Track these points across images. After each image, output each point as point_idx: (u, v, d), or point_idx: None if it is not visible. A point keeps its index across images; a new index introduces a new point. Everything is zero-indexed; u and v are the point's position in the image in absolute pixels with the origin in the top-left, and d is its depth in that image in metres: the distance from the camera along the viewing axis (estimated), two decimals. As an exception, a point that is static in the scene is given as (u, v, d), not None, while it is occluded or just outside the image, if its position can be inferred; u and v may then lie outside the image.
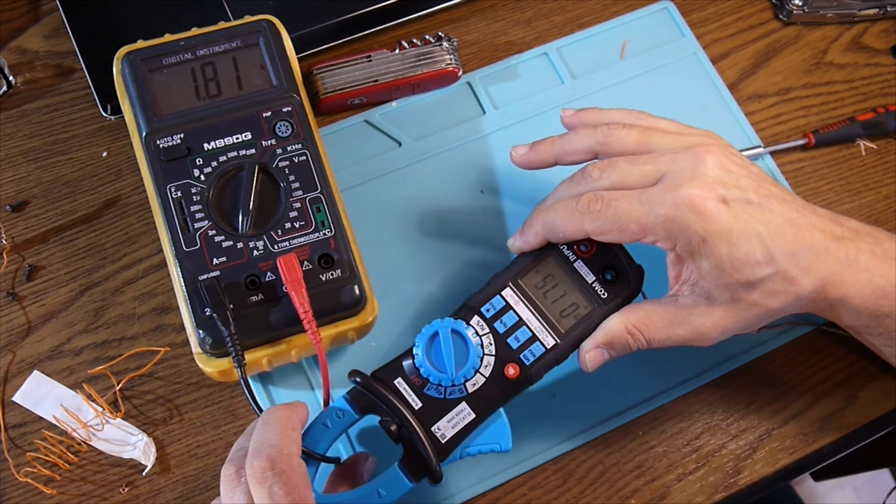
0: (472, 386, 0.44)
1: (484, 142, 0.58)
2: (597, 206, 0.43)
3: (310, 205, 0.48)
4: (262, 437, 0.39)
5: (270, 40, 0.51)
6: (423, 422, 0.43)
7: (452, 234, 0.55)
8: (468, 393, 0.44)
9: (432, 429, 0.43)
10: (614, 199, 0.43)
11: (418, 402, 0.43)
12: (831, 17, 0.64)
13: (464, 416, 0.44)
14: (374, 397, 0.43)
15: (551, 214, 0.45)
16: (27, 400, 0.50)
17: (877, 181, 0.60)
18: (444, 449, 0.43)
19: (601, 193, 0.44)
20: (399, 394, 0.43)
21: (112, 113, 0.56)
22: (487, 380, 0.44)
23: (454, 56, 0.58)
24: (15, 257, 0.53)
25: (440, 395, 0.44)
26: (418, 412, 0.43)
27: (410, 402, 0.43)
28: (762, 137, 0.60)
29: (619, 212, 0.43)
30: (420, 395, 0.44)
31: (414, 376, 0.44)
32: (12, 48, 0.59)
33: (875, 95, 0.63)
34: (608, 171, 0.45)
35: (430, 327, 0.44)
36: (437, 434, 0.43)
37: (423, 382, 0.44)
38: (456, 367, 0.43)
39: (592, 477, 0.51)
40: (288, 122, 0.49)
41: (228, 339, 0.43)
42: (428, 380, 0.43)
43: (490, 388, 0.44)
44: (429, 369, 0.43)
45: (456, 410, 0.44)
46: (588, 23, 0.63)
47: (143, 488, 0.49)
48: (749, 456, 0.52)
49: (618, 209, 0.43)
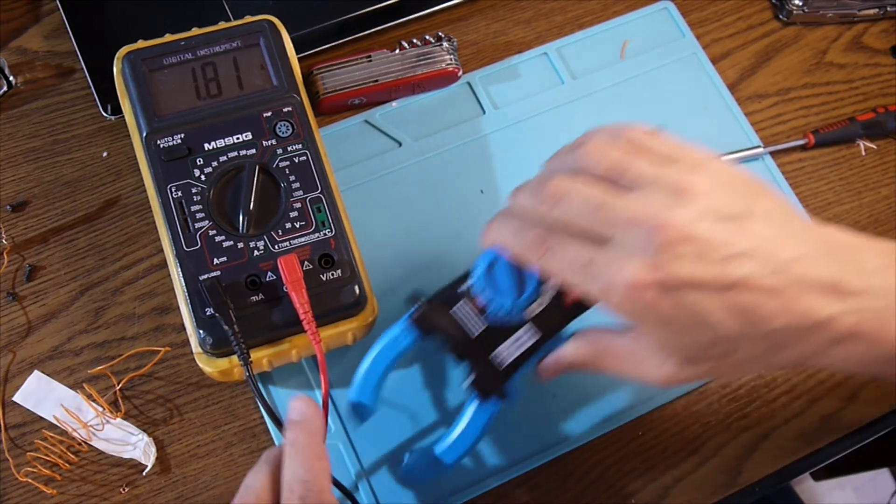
0: (531, 313, 0.44)
1: (484, 142, 0.58)
2: (539, 249, 0.39)
3: (310, 205, 0.48)
4: (292, 474, 0.38)
5: (271, 40, 0.51)
6: (489, 345, 0.44)
7: (452, 235, 0.55)
8: (531, 318, 0.44)
9: (497, 351, 0.44)
10: (558, 248, 0.38)
11: (482, 325, 0.44)
12: (831, 17, 0.64)
13: (527, 338, 0.44)
14: (441, 321, 0.44)
15: (504, 234, 0.41)
16: (27, 400, 0.50)
17: (877, 181, 0.60)
18: (504, 373, 0.44)
19: (544, 235, 0.39)
20: (463, 320, 0.44)
21: (112, 113, 0.56)
22: (552, 306, 0.44)
23: (454, 56, 0.58)
24: (15, 257, 0.53)
25: (502, 319, 0.44)
26: (482, 335, 0.44)
27: (474, 327, 0.44)
28: (762, 137, 0.60)
29: (557, 265, 0.38)
30: (482, 319, 0.44)
31: (474, 302, 0.44)
32: (12, 48, 0.59)
33: (875, 95, 0.63)
34: (561, 204, 0.38)
35: (489, 253, 0.44)
36: (503, 354, 0.44)
37: (483, 309, 0.44)
38: (516, 292, 0.43)
39: (592, 477, 0.51)
40: (288, 122, 0.49)
41: (233, 338, 0.44)
42: (488, 306, 0.44)
43: (553, 313, 0.44)
44: (490, 294, 0.43)
45: (520, 333, 0.44)
46: (588, 23, 0.63)
47: (143, 488, 0.49)
48: (749, 456, 0.52)
49: (558, 263, 0.38)
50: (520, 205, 0.41)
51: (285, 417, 0.41)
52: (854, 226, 0.58)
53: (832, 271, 0.36)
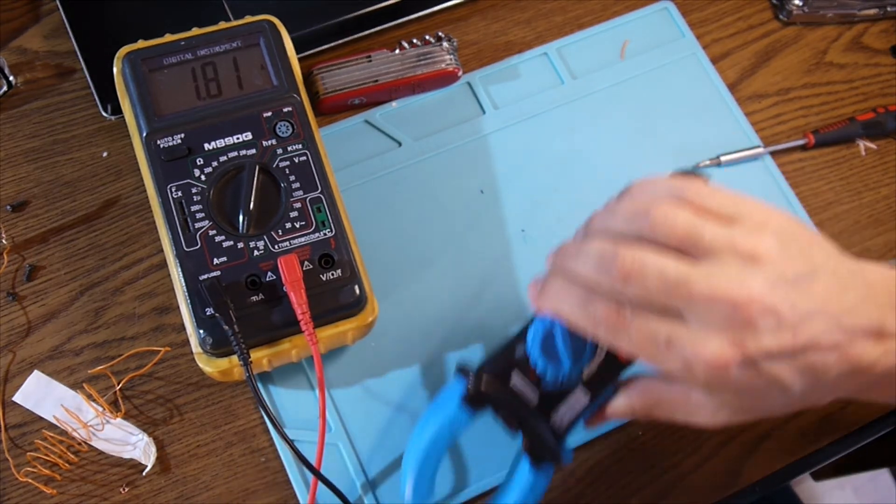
0: (587, 374, 0.43)
1: (484, 142, 0.58)
2: (613, 325, 0.38)
3: (310, 205, 0.48)
4: None
5: (271, 40, 0.51)
6: (544, 413, 0.43)
7: (452, 235, 0.55)
8: (584, 379, 0.43)
9: (552, 418, 0.43)
10: (633, 325, 0.37)
11: (536, 395, 0.43)
12: (831, 17, 0.64)
13: (580, 401, 0.43)
14: (494, 395, 0.43)
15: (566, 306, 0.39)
16: (27, 400, 0.50)
17: (877, 181, 0.60)
18: (561, 436, 0.43)
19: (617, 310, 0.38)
20: (518, 392, 0.43)
21: (112, 113, 0.56)
22: (602, 364, 0.43)
23: (454, 56, 0.58)
24: (15, 257, 0.53)
25: (556, 386, 0.43)
26: (537, 406, 0.43)
27: (529, 398, 0.43)
28: (762, 137, 0.60)
29: (634, 342, 0.38)
30: (537, 388, 0.43)
31: (530, 373, 0.43)
32: (12, 48, 0.59)
33: (875, 95, 0.63)
34: (636, 281, 0.37)
35: (543, 322, 0.42)
36: (557, 422, 0.43)
37: (539, 378, 0.43)
38: (573, 360, 0.42)
39: (592, 477, 0.51)
40: (288, 122, 0.49)
41: (233, 338, 0.44)
42: (544, 375, 0.43)
43: (604, 371, 0.43)
44: (546, 364, 0.42)
45: (573, 397, 0.43)
46: (588, 23, 0.63)
47: (143, 488, 0.49)
48: (749, 456, 0.52)
49: (633, 340, 0.38)
50: (582, 274, 0.39)
51: None
52: (854, 226, 0.58)
53: (875, 315, 0.37)
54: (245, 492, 0.49)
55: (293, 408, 0.51)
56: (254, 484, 0.50)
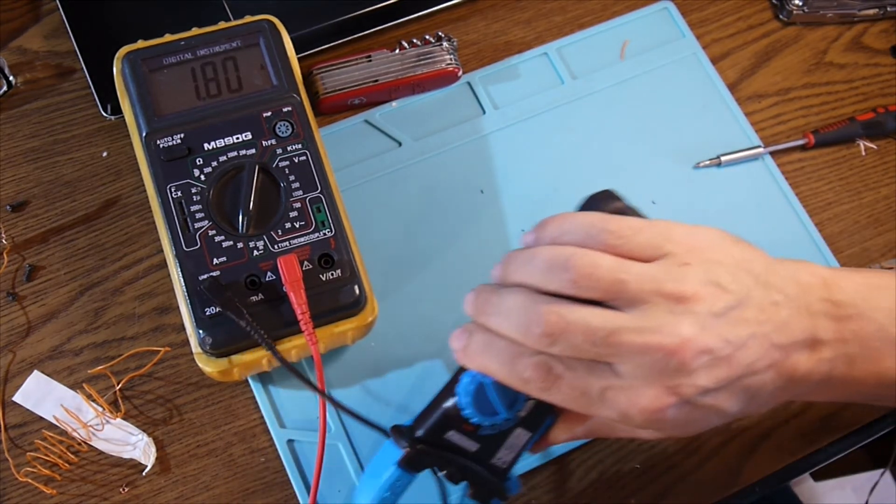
0: (525, 411, 0.42)
1: (484, 142, 0.58)
2: (541, 383, 0.37)
3: (310, 205, 0.48)
4: None
5: (270, 40, 0.51)
6: (484, 459, 0.42)
7: (452, 235, 0.55)
8: (521, 418, 0.42)
9: (492, 461, 0.42)
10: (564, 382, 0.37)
11: (475, 444, 0.42)
12: (831, 17, 0.64)
13: (520, 438, 0.43)
14: (431, 458, 0.42)
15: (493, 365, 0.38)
16: (27, 400, 0.50)
17: (877, 181, 0.60)
18: (504, 472, 0.43)
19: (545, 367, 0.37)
20: (455, 446, 0.42)
21: (112, 113, 0.56)
22: (537, 401, 0.42)
23: (454, 56, 0.58)
24: (15, 257, 0.53)
25: (495, 431, 0.42)
26: (477, 452, 0.42)
27: (468, 448, 0.42)
28: (762, 137, 0.60)
29: (565, 397, 0.37)
30: (475, 437, 0.42)
31: (465, 424, 0.42)
32: (12, 48, 0.59)
33: (875, 95, 0.63)
34: (561, 341, 0.36)
35: (472, 377, 0.40)
36: (498, 463, 0.43)
37: (476, 427, 0.42)
38: (508, 408, 0.41)
39: (592, 477, 0.51)
40: (288, 122, 0.49)
41: (249, 328, 0.44)
42: (481, 425, 0.42)
43: (541, 405, 0.42)
44: (481, 418, 0.41)
45: (512, 436, 0.42)
46: (588, 23, 0.63)
47: (143, 488, 0.49)
48: (749, 456, 0.52)
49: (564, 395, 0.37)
50: (504, 334, 0.38)
51: None
52: (854, 226, 0.58)
53: (808, 326, 0.37)
54: (245, 492, 0.49)
55: (293, 408, 0.51)
56: (254, 484, 0.50)
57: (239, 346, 0.45)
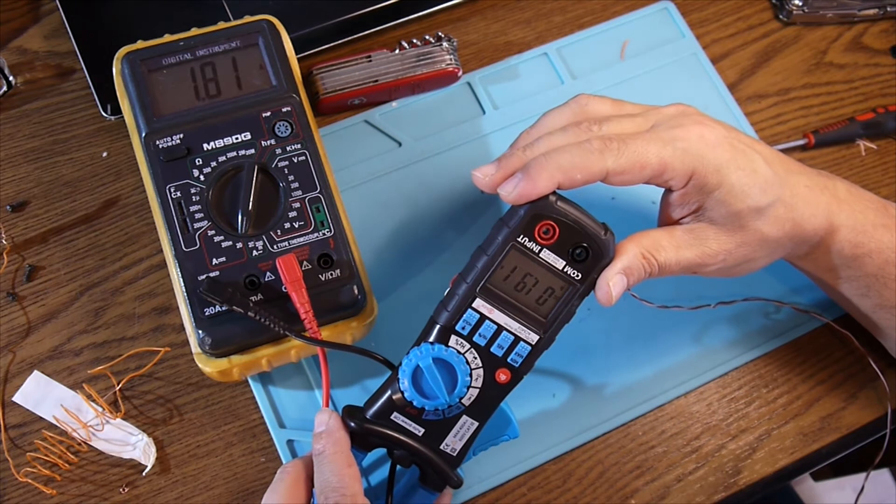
0: (468, 399, 0.43)
1: (484, 142, 0.58)
2: (613, 144, 0.42)
3: (309, 205, 0.48)
4: (324, 483, 0.40)
5: (270, 40, 0.51)
6: (431, 444, 0.44)
7: (452, 235, 0.55)
8: (466, 406, 0.43)
9: (441, 447, 0.44)
10: (629, 139, 0.42)
11: (420, 428, 0.43)
12: (831, 17, 0.64)
13: (468, 427, 0.44)
14: (377, 438, 0.43)
15: (566, 157, 0.42)
16: (27, 400, 0.50)
17: (877, 181, 0.60)
18: (456, 460, 0.44)
19: (612, 135, 0.43)
20: (400, 427, 0.43)
21: (112, 113, 0.56)
22: (481, 390, 0.43)
23: (454, 56, 0.58)
24: (15, 257, 0.53)
25: (439, 416, 0.43)
26: (423, 437, 0.43)
27: (413, 431, 0.43)
28: (762, 137, 0.60)
29: (638, 149, 0.42)
30: (420, 421, 0.43)
31: (409, 408, 0.43)
32: (12, 48, 0.59)
33: (875, 95, 0.63)
34: (604, 124, 0.44)
35: (409, 360, 0.43)
36: (447, 450, 0.44)
37: (420, 411, 0.43)
38: (448, 392, 0.42)
39: (592, 477, 0.51)
40: (287, 123, 0.49)
41: (260, 318, 0.44)
42: (424, 408, 0.43)
43: (486, 396, 0.44)
44: (422, 401, 0.42)
45: (459, 424, 0.44)
46: (588, 23, 0.63)
47: (143, 488, 0.49)
48: (749, 456, 0.52)
49: (636, 147, 0.42)
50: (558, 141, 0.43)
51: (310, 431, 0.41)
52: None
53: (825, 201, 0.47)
54: (245, 492, 0.49)
55: (293, 408, 0.51)
56: (254, 484, 0.50)
57: (239, 346, 0.45)
